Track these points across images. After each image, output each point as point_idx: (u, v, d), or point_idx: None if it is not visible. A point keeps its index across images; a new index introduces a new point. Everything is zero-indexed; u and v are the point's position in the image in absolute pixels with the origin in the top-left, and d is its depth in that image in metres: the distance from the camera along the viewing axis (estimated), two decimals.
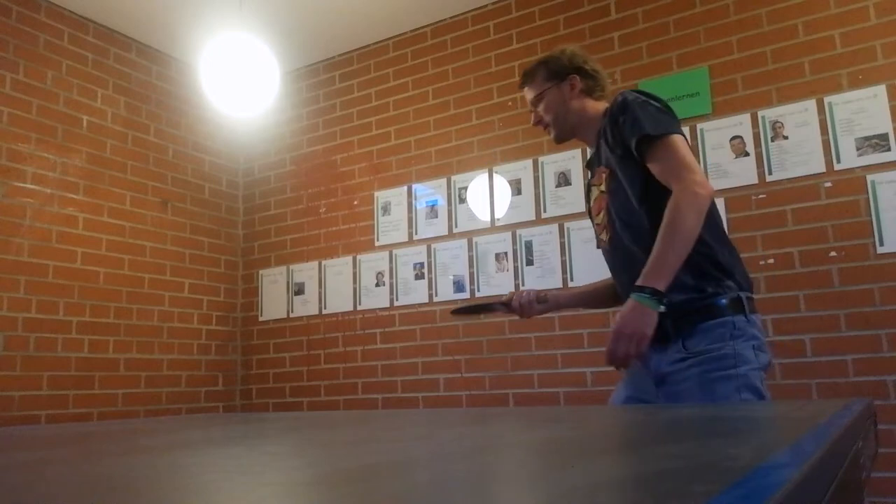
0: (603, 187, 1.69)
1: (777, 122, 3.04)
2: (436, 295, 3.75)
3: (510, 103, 3.70)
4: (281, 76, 3.51)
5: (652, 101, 1.63)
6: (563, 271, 3.40)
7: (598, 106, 1.77)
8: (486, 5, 3.86)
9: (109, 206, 3.79)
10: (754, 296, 1.60)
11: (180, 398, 3.97)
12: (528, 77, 1.84)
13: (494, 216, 3.64)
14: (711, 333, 1.49)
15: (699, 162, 3.18)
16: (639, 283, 1.48)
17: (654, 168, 1.56)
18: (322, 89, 4.38)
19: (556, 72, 1.79)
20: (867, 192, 2.82)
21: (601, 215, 1.72)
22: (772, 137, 3.04)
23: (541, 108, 1.80)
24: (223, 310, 4.33)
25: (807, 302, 2.87)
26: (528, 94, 1.84)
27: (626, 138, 1.59)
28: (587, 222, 3.55)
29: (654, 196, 1.56)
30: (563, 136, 1.81)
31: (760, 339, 1.54)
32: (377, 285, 3.95)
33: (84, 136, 3.72)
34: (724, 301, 1.52)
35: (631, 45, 3.42)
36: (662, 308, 1.46)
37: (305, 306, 4.19)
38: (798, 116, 3.00)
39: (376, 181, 4.07)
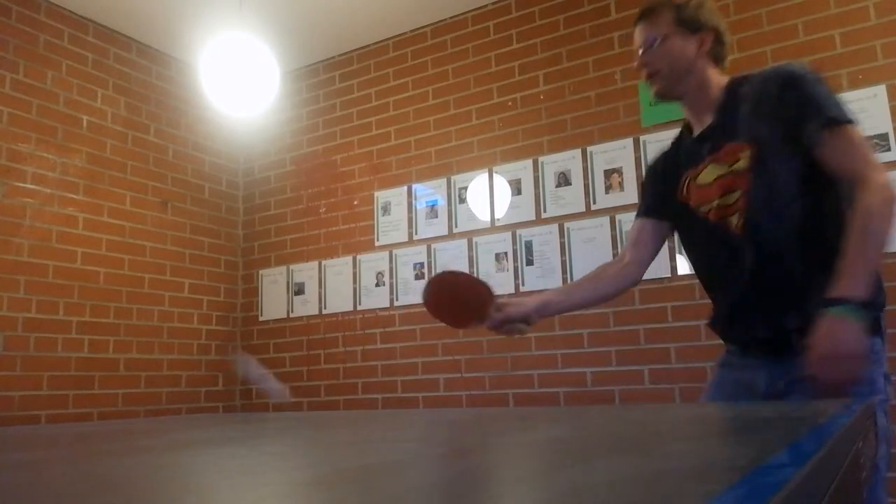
0: (742, 164, 1.42)
1: None
2: None
3: (510, 103, 3.70)
4: (281, 76, 3.51)
5: (824, 80, 1.43)
6: (563, 271, 3.40)
7: (720, 77, 1.57)
8: (486, 5, 3.86)
9: (109, 206, 3.79)
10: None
11: (180, 398, 3.97)
12: (650, 13, 1.58)
13: (494, 216, 3.64)
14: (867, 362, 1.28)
15: None
16: (837, 294, 1.24)
17: (831, 157, 1.35)
18: (322, 89, 4.38)
19: (690, 21, 1.54)
20: None
21: (733, 196, 1.44)
22: None
23: (656, 51, 1.54)
24: (223, 310, 4.33)
25: None
26: (645, 31, 1.57)
27: (799, 117, 1.37)
28: (587, 222, 3.58)
29: (815, 187, 1.38)
30: (669, 94, 1.57)
31: (886, 367, 1.37)
32: (377, 285, 3.95)
33: (84, 136, 3.72)
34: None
35: (631, 45, 3.41)
36: (866, 317, 1.24)
37: (305, 306, 4.19)
38: None
39: (376, 181, 4.07)
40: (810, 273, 1.35)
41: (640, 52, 1.58)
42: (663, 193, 1.64)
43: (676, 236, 1.74)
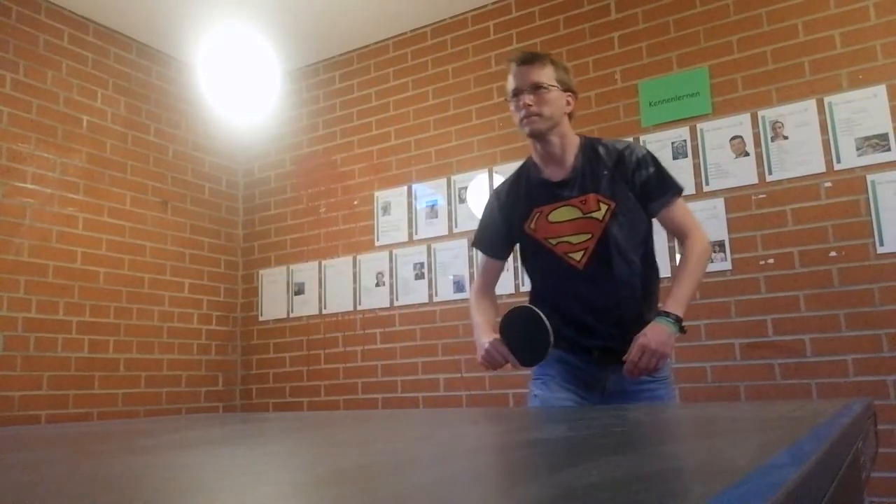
0: (599, 215, 1.76)
1: (777, 122, 3.04)
2: (436, 295, 3.75)
3: None
4: (281, 76, 3.51)
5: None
6: None
7: (573, 133, 1.87)
8: (486, 5, 3.86)
9: (109, 206, 3.79)
10: None
11: (180, 398, 3.97)
12: (537, 61, 1.81)
13: None
14: (666, 364, 1.73)
15: (700, 162, 3.19)
16: (666, 309, 1.68)
17: (673, 218, 1.80)
18: (322, 89, 4.38)
19: (565, 81, 1.85)
20: (867, 192, 2.82)
21: (581, 237, 1.78)
22: (772, 137, 3.04)
23: (543, 97, 1.78)
24: (223, 310, 4.33)
25: (807, 302, 2.87)
26: (534, 75, 1.78)
27: (652, 189, 1.78)
28: None
29: (650, 242, 1.85)
30: (541, 136, 1.81)
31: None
32: (377, 285, 3.95)
33: (84, 136, 3.72)
34: None
35: (631, 45, 3.42)
36: (684, 333, 1.70)
37: (305, 306, 4.19)
38: (798, 116, 3.00)
39: (376, 181, 4.07)
40: (642, 302, 1.80)
41: (523, 91, 1.79)
42: (508, 224, 1.92)
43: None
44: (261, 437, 0.99)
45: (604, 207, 1.77)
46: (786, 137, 3.01)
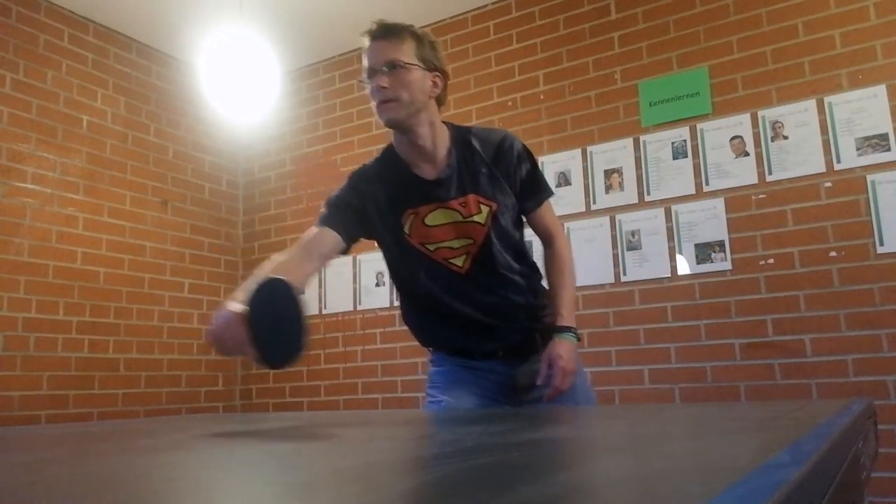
0: (480, 219, 1.59)
1: (777, 122, 3.04)
2: None
3: (510, 103, 3.70)
4: (281, 76, 3.51)
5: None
6: None
7: (441, 122, 1.65)
8: (486, 5, 3.86)
9: (109, 206, 3.79)
10: None
11: (180, 398, 3.97)
12: (392, 34, 1.58)
13: None
14: None
15: (700, 162, 3.19)
16: (564, 324, 1.63)
17: (542, 219, 1.72)
18: (322, 89, 4.38)
19: (427, 58, 1.59)
20: (867, 192, 2.82)
21: (463, 241, 1.61)
22: (772, 137, 3.04)
23: (399, 76, 1.53)
24: None
25: (807, 302, 2.87)
26: (388, 52, 1.54)
27: (529, 189, 1.67)
28: (587, 222, 3.58)
29: (521, 238, 1.74)
30: (402, 124, 1.56)
31: None
32: (377, 285, 3.95)
33: (84, 136, 3.72)
34: None
35: (631, 45, 3.42)
36: (580, 341, 1.70)
37: (305, 306, 4.18)
38: (798, 116, 3.00)
39: None
40: (529, 295, 1.70)
41: (378, 71, 1.54)
42: (363, 217, 1.66)
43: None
44: (261, 437, 0.99)
45: (485, 210, 1.59)
46: (786, 137, 3.01)
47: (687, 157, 3.21)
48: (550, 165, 3.52)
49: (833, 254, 2.85)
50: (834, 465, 0.52)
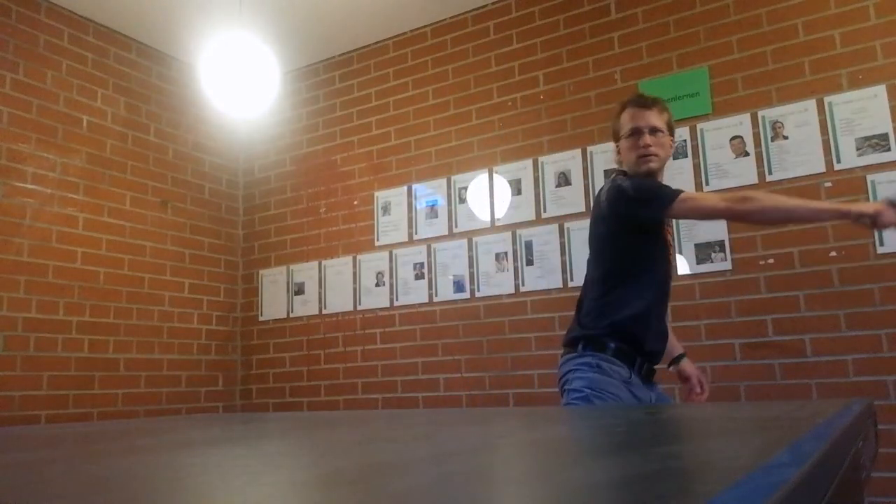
0: (670, 238, 2.06)
1: (777, 122, 3.04)
2: (436, 295, 3.75)
3: (510, 103, 3.70)
4: (281, 76, 3.51)
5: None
6: (563, 271, 3.40)
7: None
8: (486, 5, 3.86)
9: (109, 206, 3.79)
10: None
11: (180, 398, 3.97)
12: (660, 106, 2.04)
13: (494, 216, 3.64)
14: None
15: (700, 162, 3.19)
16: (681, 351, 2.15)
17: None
18: (322, 89, 4.38)
19: (672, 127, 2.08)
20: (867, 192, 2.82)
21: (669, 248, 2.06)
22: (772, 137, 3.04)
23: (661, 140, 2.00)
24: (223, 310, 4.33)
25: (807, 302, 2.87)
26: (655, 119, 2.01)
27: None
28: (587, 222, 3.55)
29: None
30: (654, 174, 2.01)
31: None
32: (377, 285, 3.95)
33: (84, 136, 3.72)
34: None
35: (631, 45, 3.42)
36: None
37: (305, 306, 4.19)
38: (798, 116, 3.00)
39: (376, 181, 4.07)
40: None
41: (642, 132, 1.99)
42: None
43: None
44: (261, 437, 0.99)
45: (670, 231, 2.07)
46: (786, 137, 3.01)
47: (687, 157, 3.21)
48: (550, 165, 3.52)
49: (833, 254, 2.85)
50: (834, 465, 0.52)
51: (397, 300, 3.87)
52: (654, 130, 1.99)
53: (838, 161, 2.89)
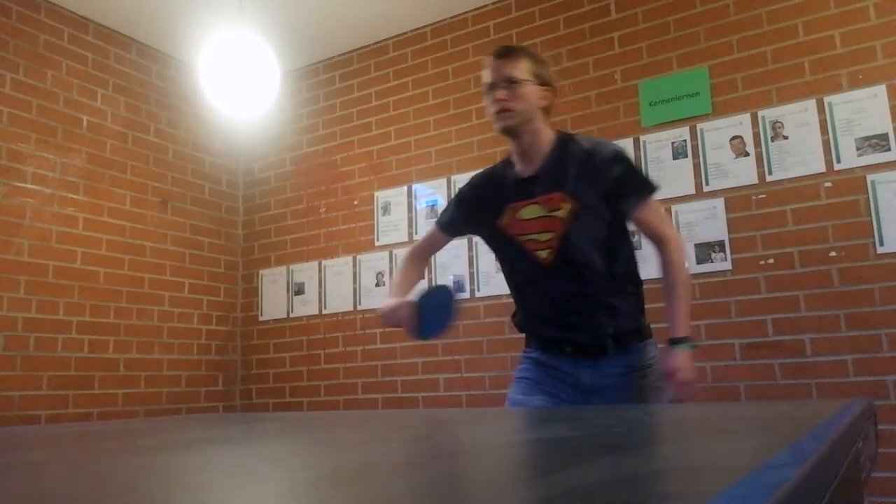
0: (561, 214, 1.75)
1: (777, 122, 3.04)
2: None
3: None
4: (281, 76, 3.51)
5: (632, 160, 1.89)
6: None
7: (548, 128, 1.83)
8: (486, 5, 3.86)
9: (109, 206, 3.79)
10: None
11: (180, 398, 3.97)
12: (512, 55, 1.78)
13: None
14: (645, 351, 1.82)
15: (700, 162, 3.19)
16: (679, 335, 1.74)
17: (644, 221, 1.79)
18: (322, 89, 4.38)
19: (541, 75, 1.80)
20: (867, 192, 2.82)
21: (547, 235, 1.78)
22: (772, 137, 3.04)
23: (515, 91, 1.75)
24: (223, 310, 4.33)
25: (807, 302, 2.87)
26: (506, 70, 1.76)
27: (623, 187, 1.76)
28: None
29: (613, 240, 1.80)
30: (513, 132, 1.79)
31: None
32: (377, 285, 3.95)
33: (84, 136, 3.72)
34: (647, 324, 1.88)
35: (631, 45, 3.42)
36: (697, 348, 1.80)
37: (305, 306, 4.19)
38: (798, 116, 3.00)
39: (376, 181, 4.07)
40: (611, 297, 1.79)
41: (497, 86, 1.77)
42: (473, 217, 1.94)
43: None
44: (261, 437, 0.99)
45: (566, 207, 1.75)
46: (786, 137, 3.01)
47: (687, 157, 3.21)
48: None
49: (833, 254, 2.85)
50: (834, 465, 0.52)
51: None
52: (509, 82, 1.74)
53: (838, 161, 2.89)
